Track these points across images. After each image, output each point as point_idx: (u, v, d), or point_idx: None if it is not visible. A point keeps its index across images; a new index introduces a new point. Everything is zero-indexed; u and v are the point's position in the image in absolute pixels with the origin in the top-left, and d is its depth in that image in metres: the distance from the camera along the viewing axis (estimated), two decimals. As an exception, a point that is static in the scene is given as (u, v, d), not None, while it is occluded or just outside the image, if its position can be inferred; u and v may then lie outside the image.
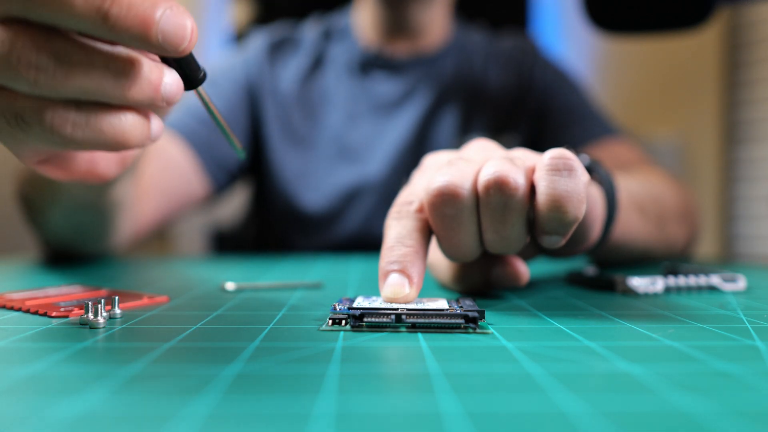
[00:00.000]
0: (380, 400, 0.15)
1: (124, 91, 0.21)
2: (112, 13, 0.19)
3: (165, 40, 0.20)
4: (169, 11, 0.20)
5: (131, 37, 0.20)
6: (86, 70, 0.21)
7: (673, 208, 0.54)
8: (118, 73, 0.21)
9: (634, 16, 0.62)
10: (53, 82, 0.20)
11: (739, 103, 1.51)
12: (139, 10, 0.20)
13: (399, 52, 0.74)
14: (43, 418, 0.14)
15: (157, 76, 0.22)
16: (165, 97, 0.22)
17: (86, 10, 0.19)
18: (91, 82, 0.21)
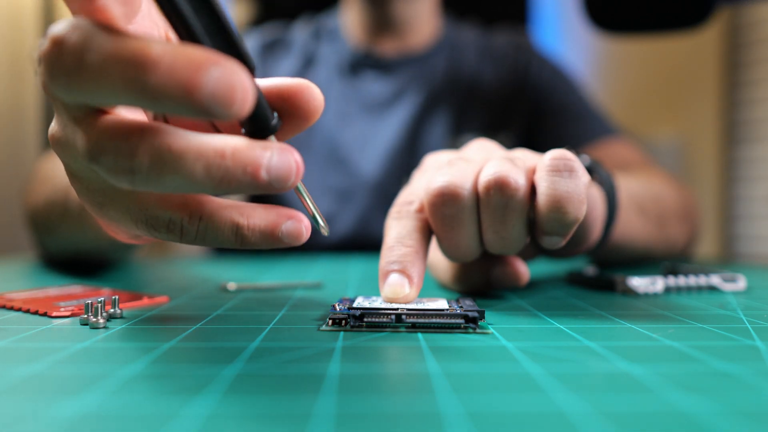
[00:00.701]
0: (380, 400, 0.15)
1: (217, 184, 0.19)
2: (150, 83, 0.17)
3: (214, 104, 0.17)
4: (215, 69, 0.17)
5: (176, 107, 0.17)
6: (176, 168, 0.19)
7: (673, 208, 0.54)
8: (208, 167, 0.19)
9: (634, 16, 0.62)
10: (148, 184, 0.19)
11: (739, 103, 1.51)
12: (182, 75, 0.17)
13: (387, 51, 0.74)
14: (43, 418, 0.14)
15: (253, 161, 0.19)
16: (272, 181, 0.19)
17: (122, 83, 0.17)
18: (184, 180, 0.19)
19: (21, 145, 1.38)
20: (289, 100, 0.22)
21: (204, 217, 0.21)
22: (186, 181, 0.19)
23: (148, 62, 0.17)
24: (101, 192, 0.22)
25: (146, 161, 0.18)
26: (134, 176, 0.19)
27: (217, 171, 0.19)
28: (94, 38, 0.18)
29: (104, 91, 0.18)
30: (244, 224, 0.21)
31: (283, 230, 0.21)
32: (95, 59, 0.17)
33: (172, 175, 0.19)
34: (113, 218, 0.22)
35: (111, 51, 0.17)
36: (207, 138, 0.19)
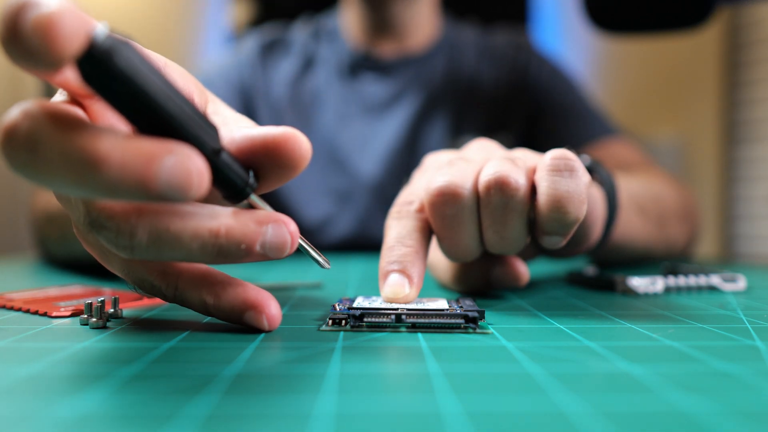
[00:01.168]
0: (380, 400, 0.15)
1: (214, 259, 0.20)
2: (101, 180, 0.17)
3: (171, 192, 0.17)
4: (168, 159, 0.17)
5: (132, 197, 0.17)
6: (173, 247, 0.20)
7: (673, 208, 0.54)
8: (204, 246, 0.20)
9: (634, 16, 0.62)
10: (147, 256, 0.20)
11: (739, 103, 1.51)
12: (135, 169, 0.17)
13: (386, 52, 0.74)
14: (43, 418, 0.14)
15: (247, 238, 0.20)
16: (267, 253, 0.21)
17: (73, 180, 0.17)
18: (182, 255, 0.20)
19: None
20: (276, 150, 0.22)
21: (179, 287, 0.23)
22: (183, 256, 0.20)
23: (98, 160, 0.16)
24: (96, 247, 0.23)
25: (145, 240, 0.19)
26: (133, 251, 0.20)
27: (212, 248, 0.20)
28: (43, 131, 0.17)
29: (58, 185, 0.17)
30: (211, 303, 0.23)
31: (246, 317, 0.22)
32: (45, 155, 0.17)
33: (170, 251, 0.20)
34: (109, 269, 0.24)
35: (59, 148, 0.17)
36: (203, 217, 0.20)
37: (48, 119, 0.17)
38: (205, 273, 0.23)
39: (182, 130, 0.18)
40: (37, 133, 0.17)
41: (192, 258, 0.20)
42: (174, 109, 0.18)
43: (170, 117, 0.18)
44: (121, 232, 0.19)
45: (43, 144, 0.17)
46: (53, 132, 0.17)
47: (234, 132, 0.23)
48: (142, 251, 0.20)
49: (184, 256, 0.20)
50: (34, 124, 0.17)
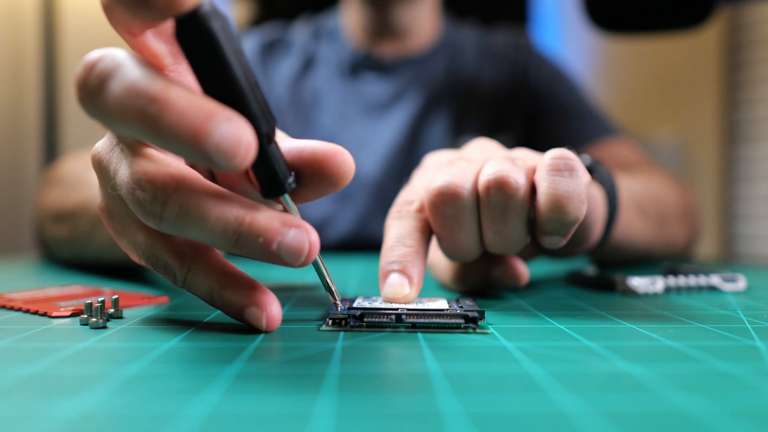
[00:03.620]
0: (380, 400, 0.15)
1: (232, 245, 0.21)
2: (160, 122, 0.18)
3: (217, 153, 0.18)
4: (226, 123, 0.18)
5: (181, 150, 0.18)
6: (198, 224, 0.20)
7: (673, 208, 0.54)
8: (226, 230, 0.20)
9: (634, 16, 0.62)
10: (170, 228, 0.21)
11: (739, 103, 1.51)
12: (193, 121, 0.18)
13: (387, 53, 0.74)
14: (43, 418, 0.14)
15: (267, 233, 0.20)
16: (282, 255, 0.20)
17: (136, 116, 0.18)
18: (203, 235, 0.20)
19: (21, 146, 1.38)
20: (321, 163, 0.23)
21: (191, 270, 0.23)
22: (204, 236, 0.20)
23: (163, 101, 0.18)
24: (119, 218, 0.23)
25: (175, 211, 0.20)
26: (161, 221, 0.20)
27: (233, 235, 0.20)
28: (122, 68, 0.19)
29: (119, 120, 0.19)
30: (218, 292, 0.23)
31: (246, 312, 0.23)
32: (117, 88, 0.18)
33: (193, 229, 0.20)
34: (127, 247, 0.24)
35: (132, 83, 0.18)
36: (233, 202, 0.20)
37: (132, 60, 0.19)
38: (220, 263, 0.23)
39: (246, 106, 0.20)
40: (116, 68, 0.19)
41: (211, 240, 0.20)
42: (245, 85, 0.19)
43: (240, 90, 0.19)
44: (156, 198, 0.20)
45: (118, 78, 0.19)
46: (132, 69, 0.19)
47: (283, 141, 0.24)
48: (168, 222, 0.20)
49: (205, 237, 0.20)
50: (116, 60, 0.19)
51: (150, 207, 0.20)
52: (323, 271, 0.24)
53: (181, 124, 0.18)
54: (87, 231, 0.42)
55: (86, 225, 0.42)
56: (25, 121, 1.38)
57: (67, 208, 0.46)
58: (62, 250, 0.48)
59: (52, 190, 0.50)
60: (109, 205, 0.24)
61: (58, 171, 0.53)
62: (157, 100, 0.18)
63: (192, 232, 0.20)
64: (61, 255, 0.49)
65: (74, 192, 0.46)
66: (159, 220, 0.20)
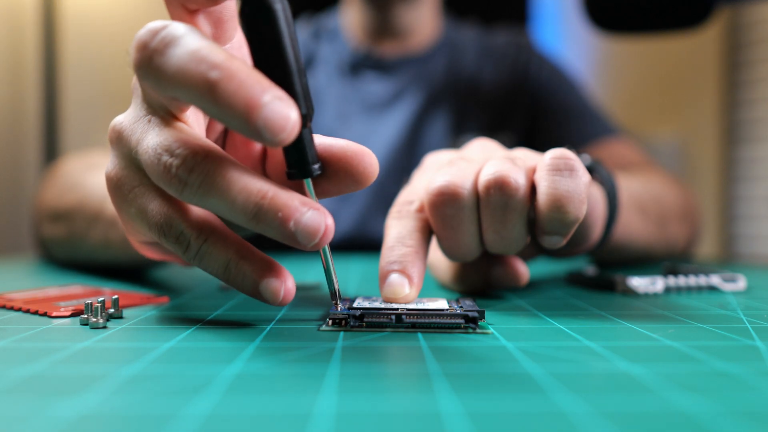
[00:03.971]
0: (380, 400, 0.15)
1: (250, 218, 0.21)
2: (219, 87, 0.19)
3: (266, 126, 0.19)
4: (278, 101, 0.19)
5: (232, 119, 0.19)
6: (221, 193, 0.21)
7: (674, 208, 0.54)
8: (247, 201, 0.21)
9: (634, 16, 0.62)
10: (192, 196, 0.21)
11: (739, 103, 1.51)
12: (249, 92, 0.19)
13: (388, 52, 0.74)
14: (43, 418, 0.14)
15: (287, 209, 0.21)
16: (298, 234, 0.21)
17: (196, 81, 0.19)
18: (224, 205, 0.21)
19: (21, 147, 1.38)
20: (350, 161, 0.24)
21: (209, 240, 0.23)
22: (225, 207, 0.21)
23: (226, 69, 0.19)
24: (129, 188, 0.24)
25: (200, 179, 0.21)
26: (185, 187, 0.21)
27: (253, 208, 0.21)
28: (187, 36, 0.20)
29: (177, 83, 0.20)
30: (235, 263, 0.23)
31: (263, 285, 0.23)
32: (180, 52, 0.20)
33: (215, 198, 0.21)
34: (133, 217, 0.24)
35: (197, 49, 0.19)
36: (257, 177, 0.21)
37: (191, 29, 0.20)
38: (236, 237, 0.23)
39: (292, 86, 0.21)
40: (182, 35, 0.20)
41: (231, 211, 0.21)
42: (294, 67, 0.21)
43: (290, 72, 0.21)
44: (186, 163, 0.21)
45: (183, 44, 0.20)
46: (197, 37, 0.20)
47: (316, 137, 0.24)
48: (192, 189, 0.21)
49: (225, 207, 0.21)
50: (182, 29, 0.20)
51: (177, 172, 0.21)
52: (330, 268, 0.25)
53: (238, 93, 0.19)
54: (82, 230, 0.42)
55: (81, 224, 0.42)
56: (25, 121, 1.38)
57: (62, 208, 0.46)
58: (58, 250, 0.48)
59: (50, 190, 0.50)
60: (120, 174, 0.24)
61: (57, 171, 0.53)
62: (219, 67, 0.19)
63: (213, 201, 0.21)
64: (58, 255, 0.49)
65: (70, 192, 0.46)
66: (183, 186, 0.21)
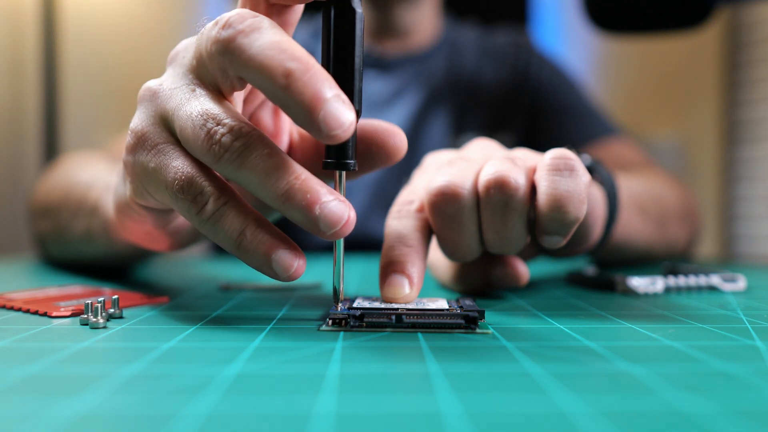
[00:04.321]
0: (380, 400, 0.15)
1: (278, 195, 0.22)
2: (294, 77, 0.21)
3: (325, 121, 0.21)
4: (335, 100, 0.21)
5: (296, 108, 0.21)
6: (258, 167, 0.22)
7: (674, 208, 0.54)
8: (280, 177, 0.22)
9: (634, 16, 0.62)
10: (228, 164, 0.22)
11: (739, 103, 1.51)
12: (318, 87, 0.21)
13: (388, 51, 0.74)
14: (43, 418, 0.14)
15: (316, 192, 0.22)
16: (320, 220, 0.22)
17: (274, 65, 0.21)
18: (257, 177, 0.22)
19: (21, 147, 1.38)
20: (382, 138, 0.25)
21: (230, 203, 0.23)
22: (257, 180, 0.22)
23: (304, 63, 0.21)
24: (152, 144, 0.24)
25: (240, 149, 0.22)
26: (223, 154, 0.22)
27: (284, 186, 0.21)
28: (271, 27, 0.22)
29: (254, 66, 0.21)
30: (252, 230, 0.23)
31: (277, 255, 0.23)
32: (265, 39, 0.21)
33: (250, 170, 0.22)
34: (149, 173, 0.24)
35: (280, 41, 0.21)
36: (294, 162, 0.22)
37: (274, 24, 0.22)
38: (253, 209, 0.24)
39: (353, 84, 0.23)
40: (266, 25, 0.22)
41: (262, 187, 0.22)
42: (359, 67, 0.23)
43: (354, 71, 0.23)
44: (232, 132, 0.22)
45: (267, 31, 0.22)
46: (277, 29, 0.22)
47: None
48: (230, 158, 0.22)
49: (256, 182, 0.22)
50: (263, 20, 0.22)
51: (220, 138, 0.22)
52: (340, 265, 0.25)
53: (308, 85, 0.20)
54: (66, 222, 0.42)
55: (66, 216, 0.42)
56: (25, 121, 1.38)
57: (49, 203, 0.47)
58: (51, 246, 0.48)
59: (40, 187, 0.51)
60: (147, 129, 0.24)
61: (50, 170, 0.53)
62: (298, 60, 0.21)
63: (247, 173, 0.22)
64: (52, 251, 0.49)
65: (57, 187, 0.47)
66: (223, 152, 0.22)
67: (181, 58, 0.25)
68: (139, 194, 0.26)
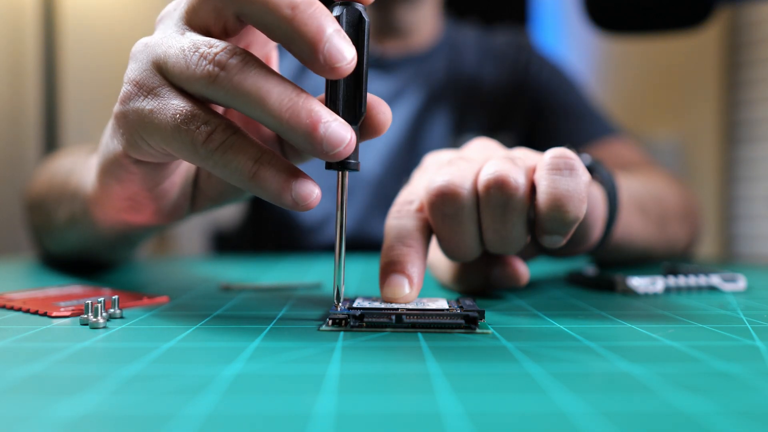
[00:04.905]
0: (380, 400, 0.15)
1: (281, 114, 0.21)
2: (299, 9, 0.21)
3: (328, 55, 0.21)
4: (338, 34, 0.21)
5: (303, 38, 0.21)
6: (257, 81, 0.21)
7: (674, 208, 0.54)
8: (282, 95, 0.21)
9: (634, 16, 0.62)
10: (227, 83, 0.22)
11: (739, 103, 1.51)
12: (320, 20, 0.21)
13: (389, 51, 0.74)
14: (43, 418, 0.14)
15: (319, 111, 0.22)
16: (324, 141, 0.22)
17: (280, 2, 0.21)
18: (258, 96, 0.21)
19: (21, 146, 1.38)
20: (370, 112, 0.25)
21: (238, 134, 0.23)
22: (258, 100, 0.21)
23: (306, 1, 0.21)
24: (149, 88, 0.24)
25: (240, 63, 0.21)
26: (219, 72, 0.21)
27: (288, 102, 0.21)
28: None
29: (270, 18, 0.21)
30: (269, 159, 0.22)
31: (297, 185, 0.22)
32: None
33: (250, 87, 0.21)
34: (146, 117, 0.24)
35: None
36: (290, 81, 0.22)
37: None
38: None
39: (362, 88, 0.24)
40: None
41: (262, 106, 0.21)
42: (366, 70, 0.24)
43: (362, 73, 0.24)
44: (226, 50, 0.22)
45: None
46: None
47: None
48: (227, 77, 0.21)
49: (255, 103, 0.21)
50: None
51: (215, 57, 0.22)
52: (342, 264, 0.25)
53: (313, 18, 0.21)
54: (52, 211, 0.42)
55: (51, 205, 0.43)
56: (25, 121, 1.38)
57: (36, 196, 0.47)
58: (43, 239, 0.48)
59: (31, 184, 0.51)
60: (140, 76, 0.24)
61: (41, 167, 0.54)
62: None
63: (247, 91, 0.21)
64: (45, 245, 0.49)
65: (41, 179, 0.47)
66: (219, 69, 0.21)
67: (169, 16, 0.25)
68: (133, 145, 0.25)
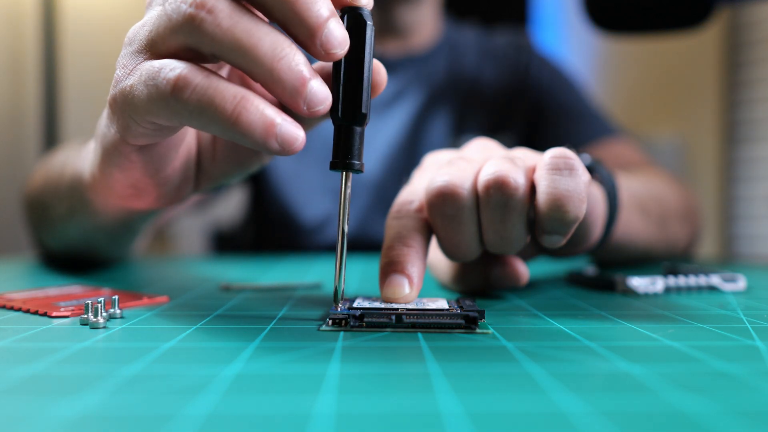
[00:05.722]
0: (380, 400, 0.15)
1: (272, 61, 0.22)
2: None
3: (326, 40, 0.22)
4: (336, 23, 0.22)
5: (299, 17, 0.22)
6: (249, 29, 0.22)
7: (674, 208, 0.54)
8: (275, 44, 0.22)
9: (634, 16, 0.62)
10: (215, 28, 0.21)
11: (739, 103, 1.51)
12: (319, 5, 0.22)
13: (389, 51, 0.74)
14: (43, 418, 0.14)
15: (308, 72, 0.22)
16: (309, 97, 0.22)
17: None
18: (249, 40, 0.21)
19: (21, 145, 1.38)
20: None
21: (210, 75, 0.22)
22: (249, 42, 0.21)
23: None
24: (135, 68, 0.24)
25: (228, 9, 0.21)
26: (209, 14, 0.21)
27: (281, 51, 0.22)
28: None
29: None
30: (251, 98, 0.22)
31: (281, 126, 0.22)
32: None
33: (243, 31, 0.21)
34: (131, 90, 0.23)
35: None
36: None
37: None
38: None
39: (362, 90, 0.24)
40: None
41: (254, 49, 0.21)
42: (368, 75, 0.24)
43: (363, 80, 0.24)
44: None
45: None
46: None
47: None
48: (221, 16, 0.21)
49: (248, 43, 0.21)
50: None
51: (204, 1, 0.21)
52: (343, 264, 0.25)
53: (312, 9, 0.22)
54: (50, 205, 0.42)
55: (49, 200, 0.43)
56: (25, 120, 1.38)
57: (33, 193, 0.47)
58: (43, 236, 0.48)
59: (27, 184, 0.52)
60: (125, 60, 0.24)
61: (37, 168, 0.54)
62: None
63: (238, 38, 0.21)
64: (45, 242, 0.49)
65: (37, 176, 0.47)
66: (207, 12, 0.21)
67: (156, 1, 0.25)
68: (126, 128, 0.25)
